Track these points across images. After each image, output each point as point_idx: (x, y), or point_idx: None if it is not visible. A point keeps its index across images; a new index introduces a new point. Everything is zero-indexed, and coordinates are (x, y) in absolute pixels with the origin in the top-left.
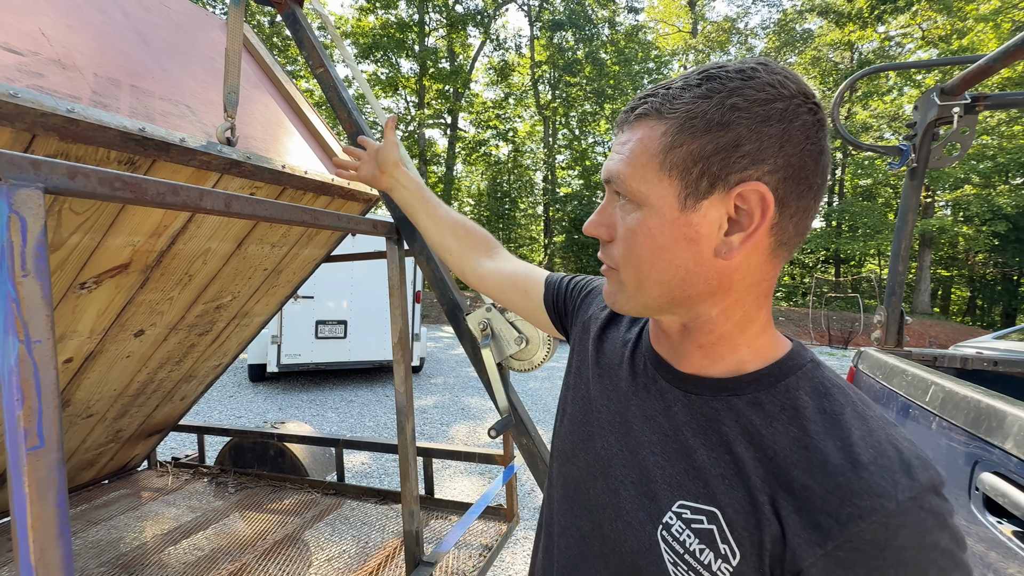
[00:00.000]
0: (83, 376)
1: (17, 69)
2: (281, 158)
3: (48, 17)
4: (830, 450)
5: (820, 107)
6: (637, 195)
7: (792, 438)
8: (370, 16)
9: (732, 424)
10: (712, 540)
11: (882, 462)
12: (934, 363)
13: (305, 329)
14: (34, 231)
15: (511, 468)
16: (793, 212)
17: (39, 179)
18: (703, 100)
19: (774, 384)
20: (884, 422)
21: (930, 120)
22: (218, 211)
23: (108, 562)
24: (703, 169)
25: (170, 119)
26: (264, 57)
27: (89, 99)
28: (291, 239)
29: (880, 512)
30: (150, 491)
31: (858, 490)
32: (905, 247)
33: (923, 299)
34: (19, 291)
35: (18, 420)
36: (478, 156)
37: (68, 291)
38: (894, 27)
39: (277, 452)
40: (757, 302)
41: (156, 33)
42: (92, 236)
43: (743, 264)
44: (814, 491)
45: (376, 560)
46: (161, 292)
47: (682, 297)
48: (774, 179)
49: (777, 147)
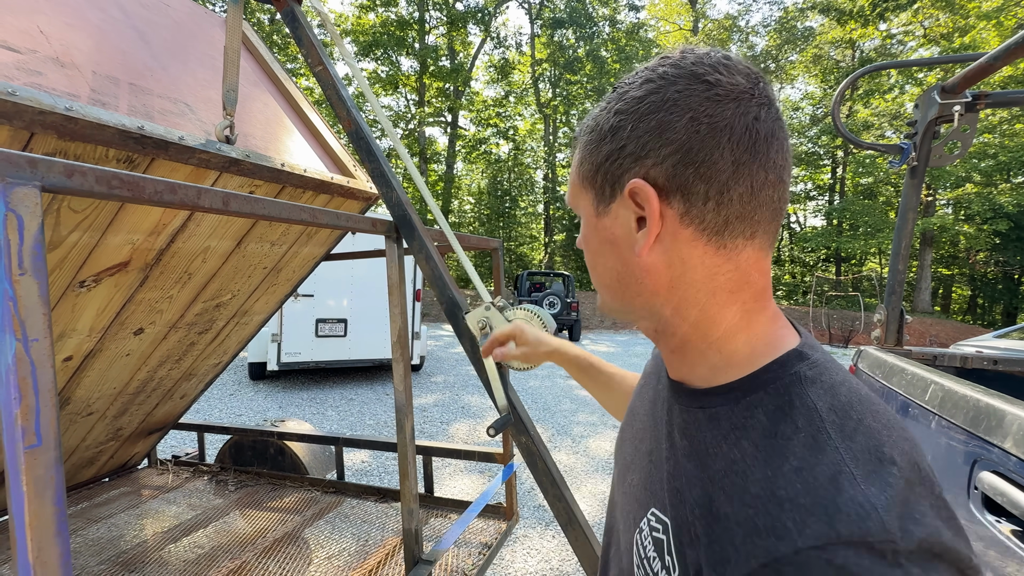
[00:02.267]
0: (83, 374)
1: (15, 67)
2: (280, 156)
3: (46, 15)
4: (755, 479)
5: (719, 81)
6: (576, 209)
7: (729, 460)
8: (370, 14)
9: (693, 437)
10: (661, 551)
11: (800, 500)
12: (934, 362)
13: (305, 327)
14: (31, 229)
15: (510, 466)
16: (704, 197)
17: (36, 177)
18: (601, 113)
19: (738, 400)
20: (860, 452)
21: (931, 118)
22: (216, 209)
23: (108, 560)
24: (603, 177)
25: (169, 117)
26: (264, 55)
27: (88, 97)
28: (291, 237)
29: (772, 556)
30: (150, 489)
31: (761, 527)
32: (906, 246)
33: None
34: (16, 290)
35: (15, 419)
36: (478, 154)
37: (67, 289)
38: (896, 25)
39: (277, 450)
40: (716, 300)
41: (155, 31)
42: (91, 234)
43: (671, 259)
44: (729, 520)
45: (376, 558)
46: (160, 290)
47: (628, 297)
48: (661, 170)
49: (656, 138)
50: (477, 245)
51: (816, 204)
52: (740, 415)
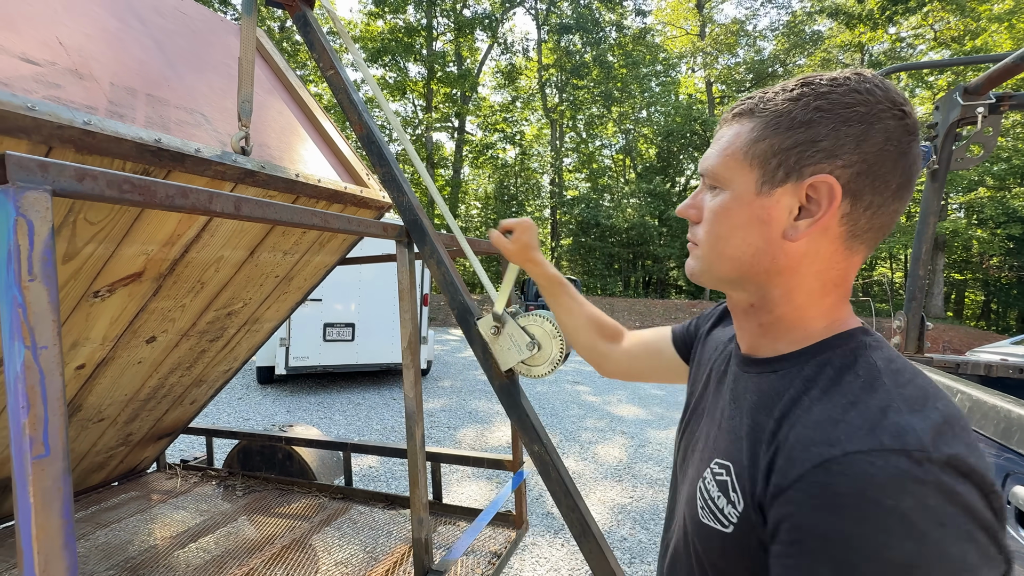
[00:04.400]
0: (95, 382)
1: (35, 80)
2: (295, 166)
3: (66, 26)
4: (817, 410)
5: (909, 115)
6: (722, 180)
7: (796, 401)
8: (379, 21)
9: (763, 392)
10: (726, 489)
11: (854, 421)
12: (956, 370)
13: (313, 331)
14: (41, 235)
15: (520, 474)
16: (867, 206)
17: (47, 181)
18: (792, 102)
19: (808, 360)
20: (909, 397)
21: (952, 120)
22: (228, 214)
23: (116, 565)
24: (781, 160)
25: (185, 128)
26: (278, 62)
27: (105, 109)
28: (303, 246)
29: (824, 459)
30: (159, 493)
31: (817, 439)
32: (926, 251)
33: (937, 303)
34: (25, 296)
35: (23, 428)
36: (485, 159)
37: (82, 299)
38: (905, 28)
39: (285, 455)
40: (823, 289)
41: (172, 40)
42: (106, 246)
43: (811, 249)
44: (789, 441)
45: (384, 566)
46: (173, 299)
47: (750, 273)
48: (847, 173)
49: (854, 145)
50: (488, 249)
51: None
52: (811, 370)
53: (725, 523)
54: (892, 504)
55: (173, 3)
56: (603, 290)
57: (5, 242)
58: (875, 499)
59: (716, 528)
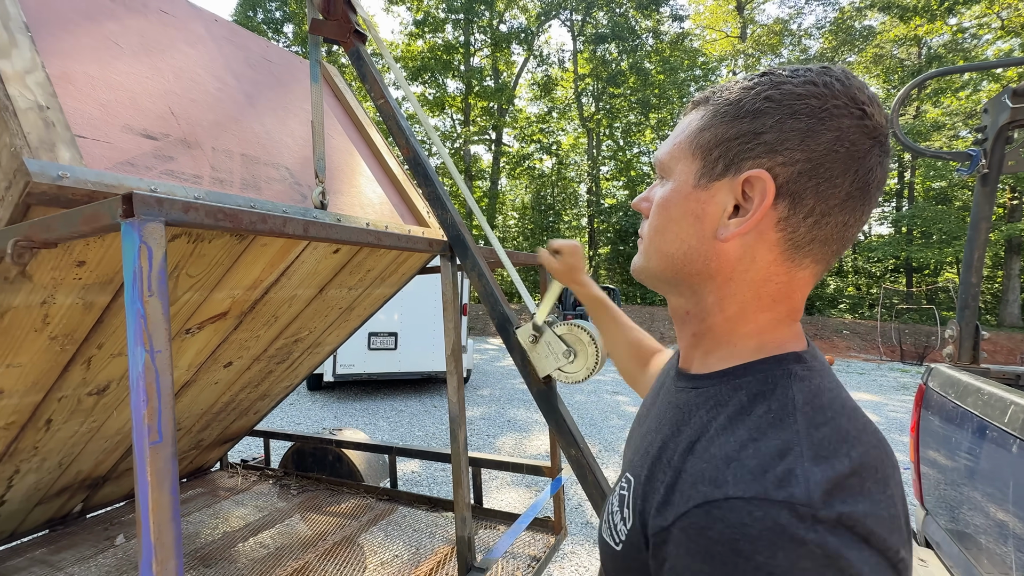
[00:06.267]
0: (177, 400)
1: (154, 155)
2: (365, 214)
3: (176, 95)
4: (718, 443)
5: (870, 116)
6: (667, 171)
7: (703, 427)
8: (419, 41)
9: (681, 411)
10: (623, 504)
11: (747, 462)
12: (1016, 382)
13: (359, 340)
14: (157, 258)
15: (559, 480)
16: (808, 212)
17: (162, 214)
18: (745, 91)
19: (728, 382)
20: (819, 440)
21: (1002, 123)
22: (298, 236)
23: (188, 554)
24: (721, 152)
25: (273, 185)
26: (349, 101)
27: (209, 177)
28: (367, 281)
29: (707, 500)
30: (223, 490)
31: (706, 476)
32: (979, 257)
33: (1012, 311)
34: (146, 309)
35: (143, 418)
36: (522, 170)
37: (175, 336)
38: (967, 18)
39: (335, 457)
40: (760, 303)
41: (260, 92)
42: (200, 293)
43: (745, 254)
44: (686, 470)
45: (428, 565)
46: (250, 331)
47: (683, 274)
48: (787, 171)
49: (798, 141)
50: (525, 261)
51: (882, 211)
52: (726, 394)
53: (616, 540)
54: (762, 561)
55: (260, 51)
56: (643, 299)
57: (131, 265)
58: (745, 553)
59: (609, 544)
